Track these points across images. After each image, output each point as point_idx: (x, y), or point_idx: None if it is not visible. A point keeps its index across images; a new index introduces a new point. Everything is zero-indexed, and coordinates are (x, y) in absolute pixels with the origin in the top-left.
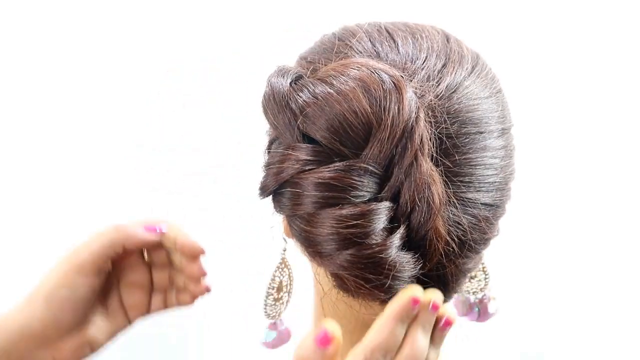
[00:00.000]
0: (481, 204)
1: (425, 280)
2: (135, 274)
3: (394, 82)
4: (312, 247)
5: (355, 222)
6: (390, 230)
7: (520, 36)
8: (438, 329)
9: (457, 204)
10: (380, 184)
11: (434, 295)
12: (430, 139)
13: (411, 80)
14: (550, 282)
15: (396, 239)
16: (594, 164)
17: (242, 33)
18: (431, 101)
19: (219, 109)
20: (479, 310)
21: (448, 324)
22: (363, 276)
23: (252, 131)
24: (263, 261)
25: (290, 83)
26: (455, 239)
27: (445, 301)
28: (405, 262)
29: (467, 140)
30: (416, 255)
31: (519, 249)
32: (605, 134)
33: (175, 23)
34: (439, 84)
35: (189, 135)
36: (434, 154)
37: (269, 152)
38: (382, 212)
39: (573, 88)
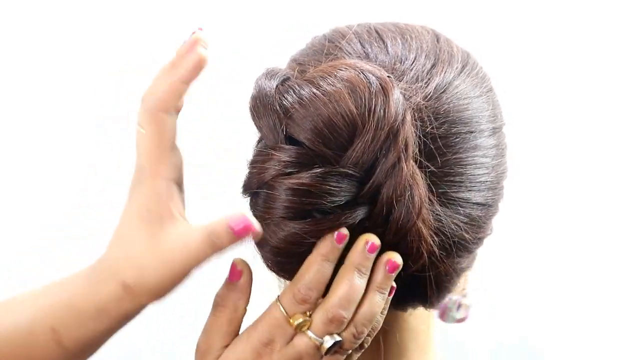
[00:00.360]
0: (473, 203)
1: (415, 280)
2: None
3: (380, 84)
4: (265, 252)
5: (314, 239)
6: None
7: (512, 35)
8: (385, 272)
9: (448, 204)
10: (360, 187)
11: (370, 237)
12: (419, 140)
13: (400, 81)
14: (548, 278)
15: None
16: (586, 161)
17: (242, 33)
18: (419, 102)
19: (219, 109)
20: (444, 312)
21: (394, 267)
22: None
23: (252, 131)
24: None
25: (277, 85)
26: (447, 239)
27: (438, 301)
28: None
29: (457, 139)
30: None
31: (514, 246)
32: (599, 131)
33: (175, 23)
34: (427, 85)
35: (188, 135)
36: (423, 155)
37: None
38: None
39: (565, 86)
